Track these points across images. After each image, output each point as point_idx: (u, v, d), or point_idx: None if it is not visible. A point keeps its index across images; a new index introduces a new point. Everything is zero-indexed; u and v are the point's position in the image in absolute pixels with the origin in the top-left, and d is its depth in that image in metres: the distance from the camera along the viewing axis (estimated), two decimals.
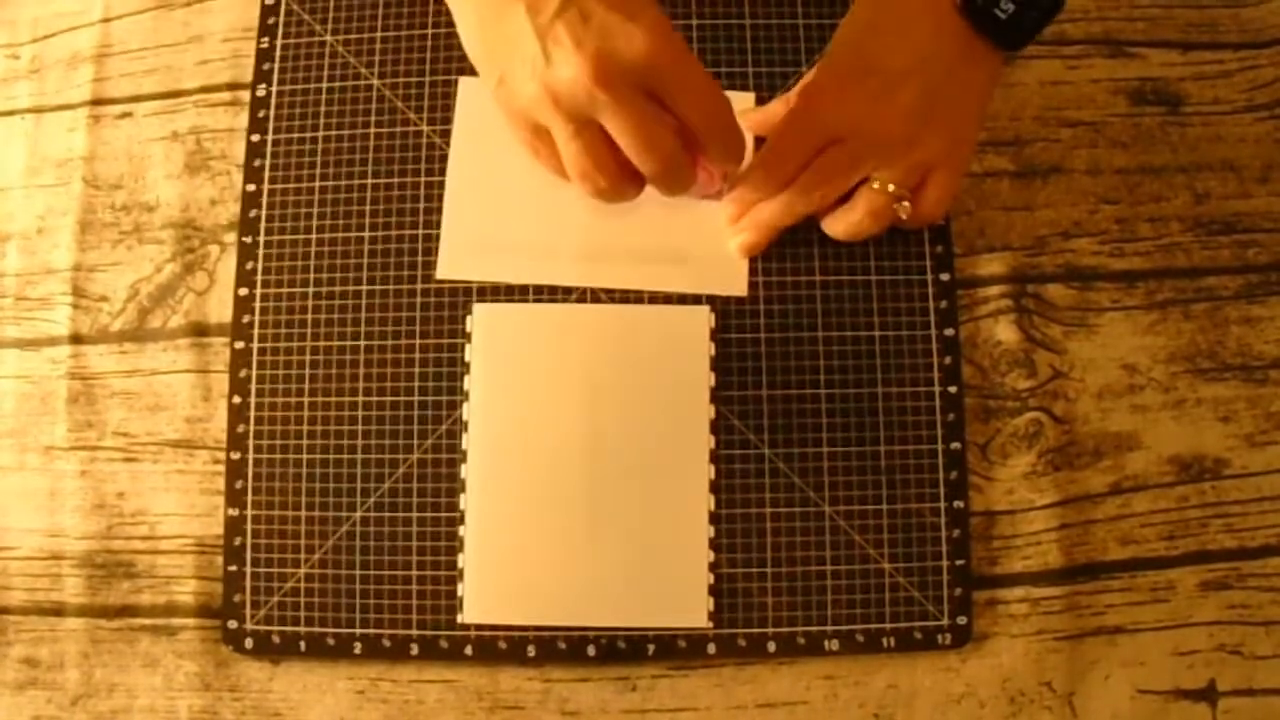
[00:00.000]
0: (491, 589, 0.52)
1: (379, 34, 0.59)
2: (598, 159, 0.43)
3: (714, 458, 0.53)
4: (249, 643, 0.53)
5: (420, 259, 0.56)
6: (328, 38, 0.59)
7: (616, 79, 0.40)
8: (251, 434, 0.54)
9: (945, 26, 0.48)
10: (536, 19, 0.40)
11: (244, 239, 0.57)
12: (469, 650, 0.52)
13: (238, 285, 0.56)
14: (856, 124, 0.50)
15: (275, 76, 0.59)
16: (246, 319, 0.56)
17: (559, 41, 0.40)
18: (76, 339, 0.57)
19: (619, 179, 0.44)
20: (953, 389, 0.54)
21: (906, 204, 0.52)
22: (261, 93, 0.59)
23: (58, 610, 0.54)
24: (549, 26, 0.40)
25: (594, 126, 0.42)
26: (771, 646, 0.52)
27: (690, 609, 0.52)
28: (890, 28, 0.50)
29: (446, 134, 0.57)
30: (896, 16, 0.50)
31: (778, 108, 0.55)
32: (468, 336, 0.55)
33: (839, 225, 0.53)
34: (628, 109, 0.41)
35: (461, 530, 0.53)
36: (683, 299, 0.55)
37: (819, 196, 0.52)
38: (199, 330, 0.57)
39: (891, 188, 0.51)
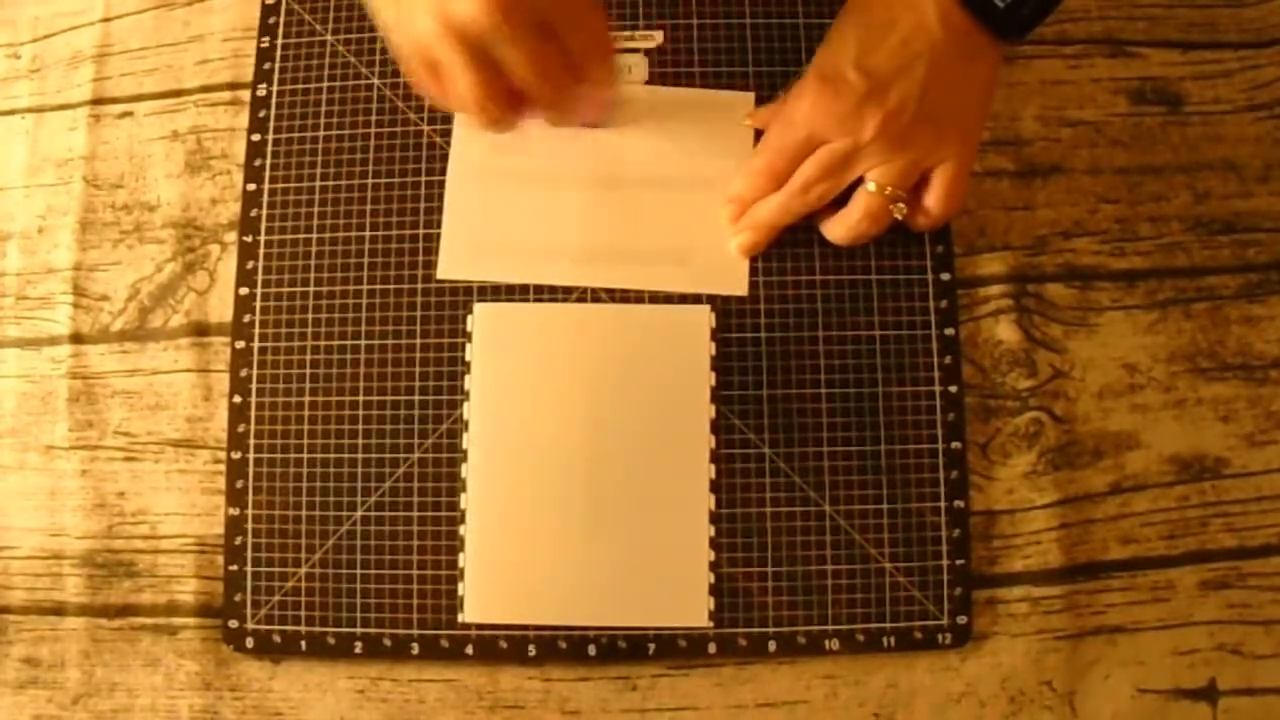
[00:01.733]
0: (492, 588, 0.52)
1: (379, 34, 0.59)
2: (493, 90, 0.44)
3: (714, 457, 0.53)
4: (250, 642, 0.53)
5: (420, 259, 0.56)
6: (328, 37, 0.59)
7: (518, 11, 0.42)
8: (252, 433, 0.55)
9: (941, 20, 0.48)
10: None
11: (245, 238, 0.57)
12: (469, 650, 0.52)
13: (238, 284, 0.56)
14: (844, 125, 0.50)
15: (276, 76, 0.59)
16: (247, 318, 0.56)
17: None
18: (77, 338, 0.57)
19: (510, 109, 0.46)
20: (953, 388, 0.54)
21: (902, 205, 0.51)
22: (262, 92, 0.59)
23: (58, 610, 0.54)
24: None
25: (489, 58, 0.43)
26: (772, 646, 0.52)
27: (691, 608, 0.52)
28: (883, 24, 0.49)
29: (446, 134, 0.57)
30: (890, 12, 0.49)
31: (777, 106, 0.55)
32: (468, 336, 0.55)
33: (839, 229, 0.53)
34: (527, 40, 0.43)
35: (462, 530, 0.53)
36: (683, 299, 0.55)
37: (814, 197, 0.52)
38: (200, 330, 0.57)
39: (888, 189, 0.51)
